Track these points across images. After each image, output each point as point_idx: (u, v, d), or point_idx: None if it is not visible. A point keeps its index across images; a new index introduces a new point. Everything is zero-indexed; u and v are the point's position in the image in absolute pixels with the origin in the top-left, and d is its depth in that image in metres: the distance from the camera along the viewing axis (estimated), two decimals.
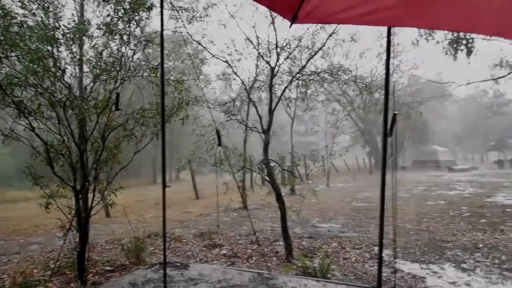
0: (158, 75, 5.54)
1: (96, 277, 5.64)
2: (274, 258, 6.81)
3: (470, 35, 12.41)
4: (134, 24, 5.46)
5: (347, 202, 14.89)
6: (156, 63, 6.04)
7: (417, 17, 1.79)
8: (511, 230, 8.75)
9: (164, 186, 3.79)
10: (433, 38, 13.64)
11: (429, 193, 17.19)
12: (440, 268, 6.21)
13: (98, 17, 5.74)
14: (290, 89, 7.71)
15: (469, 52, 12.72)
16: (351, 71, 9.50)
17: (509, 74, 10.19)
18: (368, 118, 38.08)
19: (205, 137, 7.47)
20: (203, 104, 6.64)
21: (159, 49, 4.15)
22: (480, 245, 7.56)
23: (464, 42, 12.78)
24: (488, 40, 13.08)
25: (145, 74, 6.26)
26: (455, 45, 12.91)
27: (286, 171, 8.74)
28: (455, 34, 12.56)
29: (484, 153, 66.60)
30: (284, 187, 9.14)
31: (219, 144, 5.32)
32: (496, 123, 63.41)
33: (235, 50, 8.30)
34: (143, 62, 6.67)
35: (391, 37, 2.70)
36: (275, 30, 7.42)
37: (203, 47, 8.22)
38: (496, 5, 1.56)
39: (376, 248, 7.28)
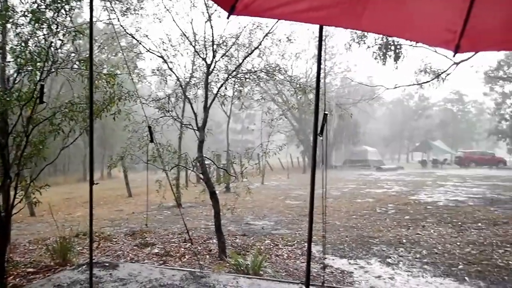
0: (88, 67, 5.31)
1: (17, 279, 5.31)
2: (207, 256, 6.78)
3: (398, 42, 13.07)
4: (63, 14, 5.20)
5: (281, 200, 15.15)
6: (86, 55, 5.80)
7: (351, 18, 1.84)
8: (431, 226, 9.32)
9: (92, 183, 3.65)
10: (364, 43, 14.23)
11: (358, 191, 17.89)
12: (367, 263, 6.48)
13: (23, 3, 5.41)
14: (226, 87, 7.70)
15: (396, 58, 13.39)
16: (286, 71, 9.64)
17: (432, 80, 10.86)
18: (303, 118, 39.02)
19: (138, 134, 7.27)
20: (136, 100, 6.46)
21: None
22: (404, 241, 7.98)
23: (392, 48, 13.43)
24: (414, 46, 13.85)
25: (74, 66, 5.98)
26: (384, 51, 13.54)
27: (221, 169, 8.72)
28: (385, 40, 13.17)
29: (410, 154, 70.52)
30: (219, 185, 9.14)
31: (151, 141, 5.20)
32: (420, 126, 67.35)
33: (171, 45, 8.14)
34: (73, 54, 6.37)
35: (324, 37, 2.78)
36: (211, 27, 7.37)
37: (137, 40, 7.98)
38: (423, 12, 1.64)
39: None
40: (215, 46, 7.31)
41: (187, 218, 10.86)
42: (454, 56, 1.60)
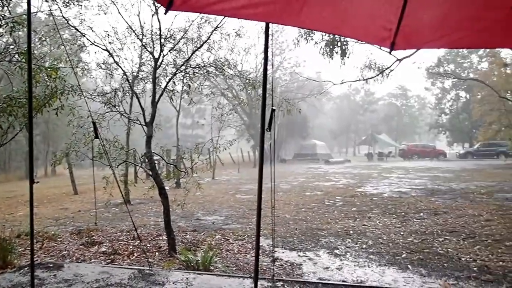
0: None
1: None
2: (157, 254, 6.69)
3: (344, 38, 13.38)
4: (0, 4, 4.94)
5: (232, 195, 15.17)
6: (26, 47, 5.53)
7: (291, 15, 1.86)
8: (377, 217, 9.66)
9: (32, 181, 3.49)
10: (312, 39, 14.46)
11: (307, 184, 18.23)
12: (316, 255, 6.62)
13: None
14: (174, 82, 7.59)
15: (343, 54, 13.72)
16: (236, 66, 9.65)
17: (377, 75, 11.23)
18: (253, 113, 39.21)
19: (83, 129, 7.03)
20: (80, 94, 6.24)
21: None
22: (351, 232, 8.22)
23: (339, 44, 13.74)
24: (360, 43, 14.23)
25: (14, 59, 5.70)
26: (331, 47, 13.83)
27: (170, 165, 8.61)
28: (331, 36, 13.45)
29: (356, 147, 72.68)
30: (169, 180, 9.01)
31: (96, 137, 5.05)
32: (366, 120, 69.61)
33: (117, 38, 7.92)
34: (12, 46, 6.07)
35: (272, 33, 2.79)
36: (159, 20, 7.24)
37: (81, 33, 7.70)
38: (359, 10, 1.69)
39: None
40: (162, 40, 7.19)
41: (136, 215, 10.66)
42: (390, 53, 1.67)
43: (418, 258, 6.30)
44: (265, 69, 2.83)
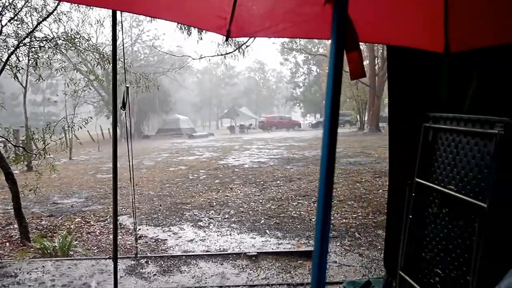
0: None
1: None
2: (8, 244, 6.15)
3: None
4: None
5: (92, 175, 14.46)
6: None
7: (140, 2, 1.84)
8: (239, 188, 10.13)
9: None
10: None
11: (172, 159, 18.18)
12: (180, 229, 6.76)
13: None
14: (17, 56, 6.89)
15: (200, 29, 13.72)
16: (89, 39, 9.11)
17: (234, 51, 11.59)
18: (111, 88, 37.29)
19: None
20: None
21: None
22: (214, 204, 8.52)
23: None
24: None
25: None
26: None
27: (17, 147, 7.89)
28: None
29: (219, 120, 74.10)
30: (17, 164, 8.25)
31: None
32: (227, 93, 71.18)
33: None
34: None
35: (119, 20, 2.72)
36: None
37: None
38: (199, 0, 1.77)
39: (121, 218, 7.42)
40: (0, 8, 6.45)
41: None
42: (226, 40, 1.80)
43: (275, 223, 6.83)
44: (114, 47, 2.77)
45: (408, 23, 1.88)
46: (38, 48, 6.97)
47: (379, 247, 5.26)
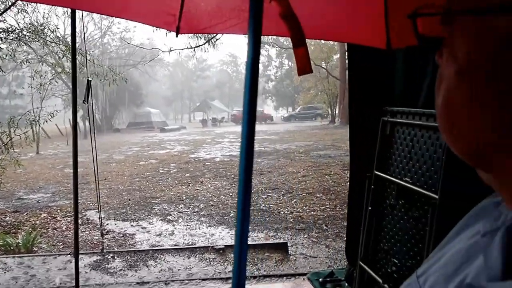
0: None
1: None
2: None
3: None
4: None
5: (60, 169, 14.16)
6: None
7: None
8: (209, 181, 10.12)
9: None
10: None
11: (142, 153, 17.98)
12: (149, 223, 6.73)
13: None
14: None
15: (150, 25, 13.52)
16: (54, 31, 8.90)
17: (204, 44, 11.51)
18: (80, 81, 36.49)
19: None
20: None
21: None
22: (184, 197, 8.50)
23: None
24: None
25: None
26: None
27: None
28: None
29: (191, 113, 73.56)
30: None
31: None
32: (199, 86, 70.66)
33: None
34: None
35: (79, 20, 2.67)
36: None
37: None
38: None
39: (88, 213, 7.33)
40: None
41: None
42: (176, 37, 1.80)
43: None
44: (73, 41, 2.73)
45: (352, 20, 1.93)
46: (0, 39, 6.78)
47: (345, 238, 5.37)
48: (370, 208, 2.96)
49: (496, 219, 0.50)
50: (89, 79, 3.01)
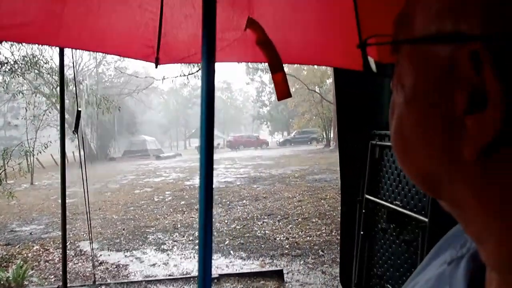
0: None
1: None
2: None
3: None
4: None
5: (54, 200, 14.01)
6: None
7: (51, 36, 1.81)
8: None
9: None
10: None
11: (137, 181, 17.88)
12: (143, 253, 6.64)
13: None
14: None
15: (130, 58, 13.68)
16: (47, 62, 8.97)
17: (197, 71, 11.63)
18: (76, 110, 36.59)
19: None
20: None
21: None
22: (179, 225, 8.42)
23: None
24: None
25: None
26: None
27: None
28: None
29: (187, 140, 73.63)
30: None
31: None
32: (195, 113, 70.84)
33: None
34: None
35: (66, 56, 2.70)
36: None
37: None
38: (119, 28, 1.78)
39: (81, 244, 7.23)
40: None
41: None
42: (156, 67, 1.82)
43: (239, 243, 6.80)
44: (62, 71, 2.74)
45: (332, 44, 1.96)
46: None
47: (339, 264, 5.31)
48: (362, 232, 2.93)
49: (462, 246, 0.50)
50: (79, 109, 3.01)
